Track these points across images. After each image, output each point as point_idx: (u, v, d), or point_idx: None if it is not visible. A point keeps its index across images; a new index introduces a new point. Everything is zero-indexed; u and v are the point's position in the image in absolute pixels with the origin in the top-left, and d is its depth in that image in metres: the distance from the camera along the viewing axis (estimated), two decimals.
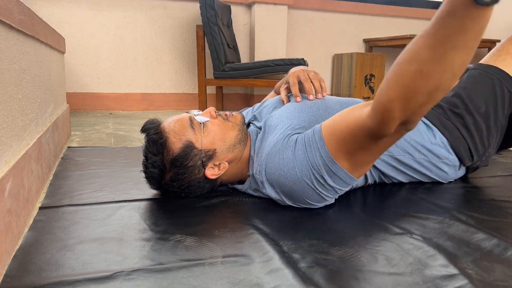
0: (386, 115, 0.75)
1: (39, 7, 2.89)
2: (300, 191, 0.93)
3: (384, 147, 0.86)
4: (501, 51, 1.22)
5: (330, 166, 0.89)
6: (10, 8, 0.81)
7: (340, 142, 0.87)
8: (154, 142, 0.98)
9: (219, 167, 1.02)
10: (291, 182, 0.93)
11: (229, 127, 1.04)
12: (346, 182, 0.92)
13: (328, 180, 0.91)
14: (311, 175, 0.91)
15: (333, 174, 0.90)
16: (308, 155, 0.91)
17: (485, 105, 1.17)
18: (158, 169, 0.99)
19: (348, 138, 0.86)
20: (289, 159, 0.93)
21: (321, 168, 0.90)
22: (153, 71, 3.26)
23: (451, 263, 0.72)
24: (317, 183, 0.91)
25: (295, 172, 0.92)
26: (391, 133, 0.79)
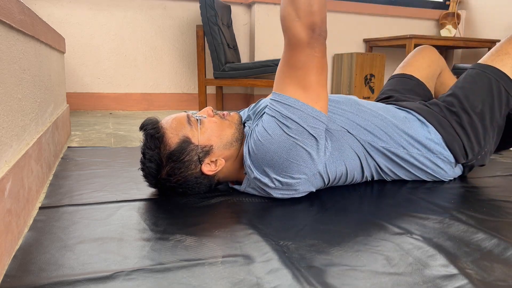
0: (286, 21, 0.92)
1: (39, 7, 2.89)
2: (279, 149, 0.96)
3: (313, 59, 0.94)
4: (500, 51, 1.22)
5: (284, 101, 0.95)
6: (10, 8, 0.81)
7: (282, 77, 0.97)
8: (152, 137, 0.99)
9: (215, 164, 1.03)
10: (268, 144, 0.96)
11: (226, 125, 1.05)
12: (313, 116, 0.95)
13: (293, 117, 0.95)
14: (278, 123, 0.96)
15: (293, 108, 0.95)
16: (268, 112, 0.99)
17: (482, 104, 1.17)
18: (155, 163, 0.99)
19: (282, 67, 0.97)
20: (260, 128, 1.00)
21: (280, 110, 0.96)
22: (153, 71, 3.26)
23: (451, 263, 0.72)
24: (286, 128, 0.95)
25: (266, 133, 0.97)
26: (304, 38, 0.91)
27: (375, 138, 1.10)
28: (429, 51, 1.49)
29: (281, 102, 0.96)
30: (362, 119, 1.10)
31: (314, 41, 0.92)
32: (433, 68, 1.47)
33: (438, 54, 1.50)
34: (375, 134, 1.10)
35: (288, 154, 0.96)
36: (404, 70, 1.46)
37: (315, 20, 0.90)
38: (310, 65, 0.94)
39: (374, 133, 1.10)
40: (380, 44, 3.76)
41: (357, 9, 3.77)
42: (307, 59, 0.93)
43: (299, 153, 0.96)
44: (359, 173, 1.13)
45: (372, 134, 1.10)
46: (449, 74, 1.54)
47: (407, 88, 1.41)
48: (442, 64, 1.51)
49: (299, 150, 0.96)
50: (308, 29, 0.91)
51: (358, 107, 1.13)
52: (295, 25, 0.91)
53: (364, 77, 3.55)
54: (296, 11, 0.90)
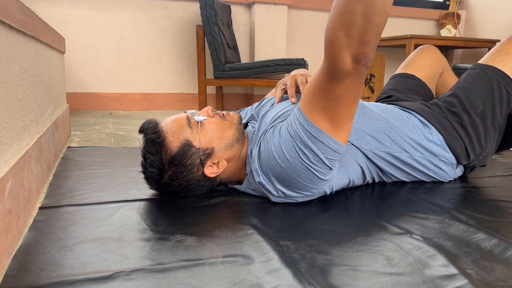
0: (333, 47, 0.79)
1: (39, 7, 2.89)
2: (290, 169, 0.94)
3: (350, 92, 0.86)
4: (500, 51, 1.22)
5: (309, 130, 0.90)
6: (10, 8, 0.81)
7: (312, 101, 0.89)
8: (152, 142, 0.98)
9: (217, 165, 1.02)
10: (280, 161, 0.94)
11: (226, 126, 1.05)
12: (333, 149, 0.92)
13: (313, 148, 0.91)
14: (296, 147, 0.92)
15: (315, 139, 0.90)
16: (289, 129, 0.94)
17: (483, 104, 1.17)
18: (157, 168, 0.99)
19: (316, 93, 0.88)
20: (276, 140, 0.96)
21: (302, 136, 0.91)
22: (153, 71, 3.26)
23: (451, 263, 0.72)
24: (303, 155, 0.92)
25: (281, 150, 0.94)
26: (348, 69, 0.81)
27: (378, 144, 1.09)
28: (431, 51, 1.48)
29: (305, 128, 0.91)
30: (366, 124, 1.09)
31: (357, 72, 0.82)
32: (435, 68, 1.47)
33: (440, 53, 1.49)
34: (378, 139, 1.09)
35: (298, 176, 0.95)
36: (406, 70, 1.46)
37: (366, 51, 0.79)
38: (345, 97, 0.87)
39: (378, 138, 1.09)
40: (380, 44, 3.76)
41: None
42: (343, 92, 0.85)
43: (309, 177, 0.95)
44: (360, 179, 1.13)
45: (376, 139, 1.08)
46: (451, 74, 1.54)
47: (408, 88, 1.40)
48: (444, 64, 1.51)
49: (310, 174, 0.95)
50: (355, 60, 0.80)
51: (364, 109, 1.11)
52: (343, 54, 0.79)
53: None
54: (347, 39, 0.77)
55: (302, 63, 2.78)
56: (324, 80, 0.86)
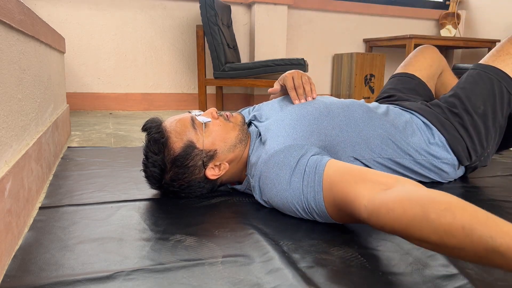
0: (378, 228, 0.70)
1: (39, 7, 2.89)
2: (287, 209, 0.92)
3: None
4: (501, 51, 1.22)
5: (319, 212, 0.86)
6: (10, 8, 0.81)
7: (334, 201, 0.82)
8: (155, 141, 0.98)
9: (219, 168, 1.02)
10: (280, 201, 0.91)
11: (230, 128, 1.04)
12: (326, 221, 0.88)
13: (315, 217, 0.88)
14: (300, 205, 0.88)
15: (321, 217, 0.87)
16: (303, 189, 0.87)
17: (484, 105, 1.16)
18: (159, 168, 0.98)
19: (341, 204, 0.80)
20: (284, 181, 0.90)
21: (311, 207, 0.87)
22: (153, 71, 3.26)
23: (451, 263, 0.72)
24: (303, 212, 0.89)
25: (286, 195, 0.89)
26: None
27: (382, 151, 1.07)
28: (431, 51, 1.48)
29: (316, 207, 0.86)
30: (372, 129, 1.07)
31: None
32: (434, 68, 1.47)
33: (439, 54, 1.49)
34: (382, 145, 1.07)
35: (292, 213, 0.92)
36: (406, 70, 1.46)
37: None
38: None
39: (382, 144, 1.07)
40: (380, 44, 3.76)
41: (357, 9, 3.77)
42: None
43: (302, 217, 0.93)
44: None
45: (380, 146, 1.07)
46: (450, 74, 1.54)
47: (408, 88, 1.40)
48: (443, 64, 1.51)
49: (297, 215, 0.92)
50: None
51: (369, 113, 1.09)
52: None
53: (364, 77, 3.55)
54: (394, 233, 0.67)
55: (302, 63, 2.78)
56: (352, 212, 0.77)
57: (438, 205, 0.62)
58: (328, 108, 1.06)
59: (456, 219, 0.60)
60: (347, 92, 3.60)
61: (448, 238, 0.59)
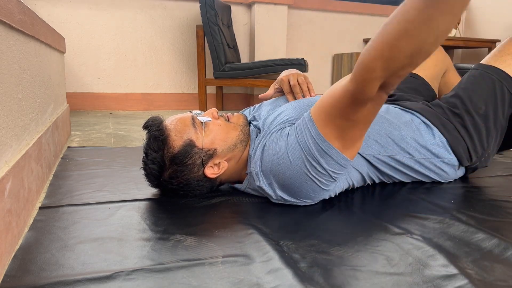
0: (367, 75, 0.77)
1: (39, 7, 2.89)
2: (294, 178, 0.93)
3: (368, 116, 0.87)
4: (502, 51, 1.22)
5: (320, 144, 0.89)
6: (10, 8, 0.81)
7: (328, 117, 0.88)
8: (156, 139, 0.98)
9: (218, 166, 1.02)
10: (285, 169, 0.93)
11: (230, 128, 1.05)
12: (340, 164, 0.92)
13: (321, 162, 0.90)
14: (304, 158, 0.91)
15: (325, 153, 0.89)
16: (299, 138, 0.92)
17: (485, 105, 1.16)
18: (158, 165, 0.99)
19: (334, 111, 0.86)
20: (282, 146, 0.94)
21: (312, 149, 0.90)
22: (153, 71, 3.26)
23: (451, 263, 0.72)
24: (310, 166, 0.91)
25: (288, 158, 0.92)
26: (373, 95, 0.81)
27: (381, 148, 1.08)
28: (436, 50, 1.47)
29: (316, 142, 0.90)
30: (370, 127, 1.07)
31: (379, 98, 0.83)
32: (439, 68, 1.46)
33: (444, 53, 1.48)
34: (381, 143, 1.08)
35: (301, 185, 0.94)
36: None
37: (396, 82, 0.79)
38: (362, 121, 0.87)
39: (381, 142, 1.08)
40: None
41: (357, 9, 3.77)
42: (362, 116, 0.86)
43: (312, 187, 0.95)
44: (360, 182, 1.13)
45: (379, 143, 1.07)
46: (454, 74, 1.52)
47: (410, 87, 1.40)
48: (448, 63, 1.49)
49: (313, 185, 0.94)
50: (382, 87, 0.80)
51: None
52: (374, 83, 0.78)
53: None
54: (385, 71, 0.75)
55: (302, 63, 2.78)
56: (346, 103, 0.84)
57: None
58: None
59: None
60: None
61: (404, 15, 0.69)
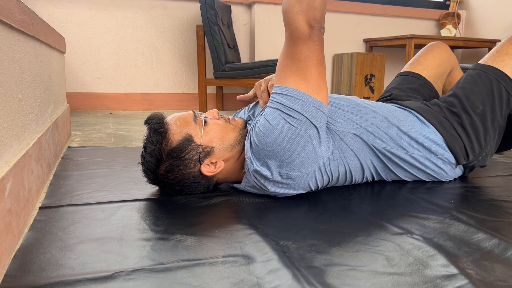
0: (289, 14, 0.94)
1: (39, 7, 2.89)
2: (281, 141, 0.96)
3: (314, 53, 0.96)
4: (500, 51, 1.22)
5: (287, 93, 0.96)
6: (10, 8, 0.81)
7: (283, 70, 0.98)
8: (155, 131, 1.00)
9: (215, 165, 1.03)
10: (270, 135, 0.96)
11: (230, 129, 1.06)
12: (315, 106, 0.97)
13: (296, 108, 0.95)
14: (281, 114, 0.96)
15: (295, 99, 0.96)
16: (270, 105, 0.99)
17: (483, 105, 1.17)
18: (155, 158, 1.00)
19: (285, 61, 0.98)
20: (262, 120, 1.00)
21: (283, 102, 0.97)
22: (153, 71, 3.26)
23: (451, 263, 0.72)
24: (289, 119, 0.95)
25: (268, 124, 0.97)
26: (306, 32, 0.94)
27: (375, 138, 1.10)
28: (441, 50, 1.46)
29: (283, 94, 0.97)
30: (361, 119, 1.10)
31: (315, 35, 0.95)
32: (443, 68, 1.45)
33: (450, 52, 1.47)
34: (375, 134, 1.10)
35: (290, 144, 0.96)
36: (413, 69, 1.45)
37: (316, 15, 0.93)
38: (311, 57, 0.96)
39: (374, 133, 1.10)
40: (380, 44, 3.76)
41: (357, 9, 3.77)
42: (308, 52, 0.95)
43: (301, 144, 0.96)
44: (360, 173, 1.13)
45: (372, 134, 1.10)
46: (459, 73, 1.51)
47: (411, 88, 1.40)
48: (453, 62, 1.48)
49: (301, 140, 0.96)
50: (309, 25, 0.93)
51: (357, 107, 1.12)
52: (298, 18, 0.93)
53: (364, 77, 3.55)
54: (299, 4, 0.92)
55: None
56: (289, 47, 0.96)
57: None
58: None
59: None
60: (347, 92, 3.60)
61: None
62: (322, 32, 0.96)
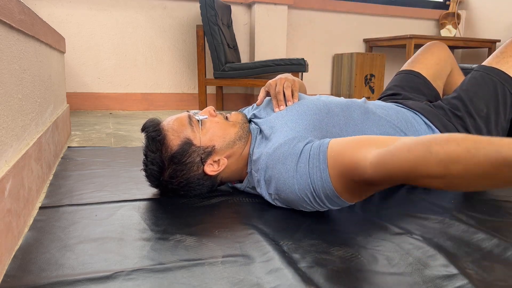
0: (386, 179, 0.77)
1: (39, 7, 2.89)
2: (295, 200, 0.92)
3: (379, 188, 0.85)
4: (504, 53, 1.21)
5: (328, 192, 0.87)
6: (10, 8, 0.81)
7: (340, 173, 0.85)
8: (153, 140, 0.99)
9: (218, 164, 1.02)
10: (288, 191, 0.91)
11: (229, 125, 1.05)
12: (339, 204, 0.90)
13: (325, 202, 0.89)
14: (308, 191, 0.89)
15: (330, 199, 0.88)
16: (310, 171, 0.88)
17: (487, 107, 1.16)
18: (157, 166, 0.99)
19: (347, 172, 0.83)
20: (291, 168, 0.90)
21: (319, 190, 0.87)
22: (153, 71, 3.26)
23: (451, 263, 0.72)
24: (313, 200, 0.90)
25: (294, 184, 0.90)
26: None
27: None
28: (439, 49, 1.45)
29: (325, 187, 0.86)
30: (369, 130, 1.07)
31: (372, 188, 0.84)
32: (441, 66, 1.44)
33: (448, 52, 1.46)
34: None
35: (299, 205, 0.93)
36: (412, 67, 1.44)
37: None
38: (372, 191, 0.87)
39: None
40: (380, 44, 3.76)
41: (357, 9, 3.77)
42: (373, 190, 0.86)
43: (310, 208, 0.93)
44: None
45: None
46: (459, 74, 1.50)
47: (412, 86, 1.39)
48: (452, 62, 1.47)
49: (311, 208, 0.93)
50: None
51: (367, 115, 1.09)
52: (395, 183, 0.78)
53: (364, 77, 3.55)
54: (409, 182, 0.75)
55: (302, 63, 2.78)
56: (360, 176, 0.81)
57: (440, 138, 0.68)
58: (328, 107, 1.06)
59: (460, 146, 0.65)
60: (347, 92, 3.60)
61: (454, 165, 0.63)
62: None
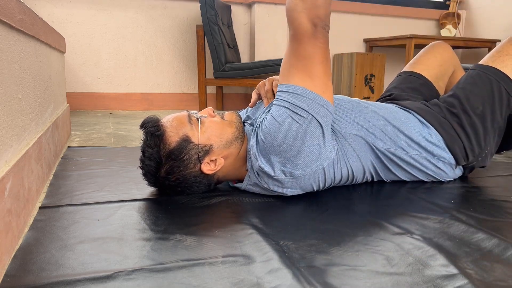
0: (292, 13, 0.94)
1: (39, 7, 2.89)
2: (288, 139, 0.96)
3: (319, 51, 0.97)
4: (501, 52, 1.22)
5: (293, 91, 0.97)
6: (10, 8, 0.81)
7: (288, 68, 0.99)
8: (152, 135, 1.00)
9: (215, 163, 1.03)
10: (276, 133, 0.97)
11: (226, 125, 1.06)
12: (321, 104, 0.97)
13: (302, 105, 0.96)
14: (287, 111, 0.96)
15: (301, 96, 0.96)
16: (277, 103, 1.00)
17: (482, 105, 1.17)
18: (155, 161, 1.00)
19: (290, 60, 0.98)
20: (269, 118, 1.00)
21: (289, 99, 0.97)
22: (153, 71, 3.26)
23: (451, 263, 0.72)
24: (295, 117, 0.96)
25: (275, 122, 0.97)
26: (309, 31, 0.94)
27: (376, 139, 1.10)
28: (442, 49, 1.45)
29: (289, 92, 0.98)
30: (363, 119, 1.10)
31: (319, 33, 0.95)
32: (444, 68, 1.44)
33: (451, 52, 1.46)
34: (376, 135, 1.10)
35: (296, 143, 0.96)
36: (414, 68, 1.44)
37: (319, 13, 0.94)
38: (316, 55, 0.96)
39: (375, 134, 1.10)
40: (380, 44, 3.76)
41: (357, 9, 3.77)
42: (313, 49, 0.96)
43: (307, 143, 0.97)
44: (361, 174, 1.13)
45: (373, 135, 1.10)
46: (461, 74, 1.50)
47: (412, 87, 1.39)
48: (455, 63, 1.47)
49: (307, 139, 0.96)
50: (313, 23, 0.94)
51: (358, 108, 1.12)
52: (301, 16, 0.94)
53: (364, 77, 3.55)
54: (303, 3, 0.93)
55: None
56: (294, 45, 0.97)
57: None
58: None
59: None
60: (347, 92, 3.60)
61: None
62: (327, 30, 0.96)
